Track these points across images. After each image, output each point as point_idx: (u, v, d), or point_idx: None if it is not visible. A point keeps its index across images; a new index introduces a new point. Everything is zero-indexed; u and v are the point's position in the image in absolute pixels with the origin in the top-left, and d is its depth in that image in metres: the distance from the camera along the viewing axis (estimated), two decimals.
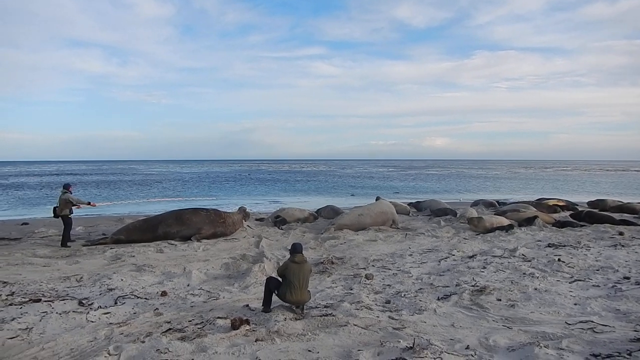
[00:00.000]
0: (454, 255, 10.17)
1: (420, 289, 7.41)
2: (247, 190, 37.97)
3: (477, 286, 7.37)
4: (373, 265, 9.15)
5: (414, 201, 22.03)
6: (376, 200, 16.87)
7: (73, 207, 11.63)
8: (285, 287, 5.95)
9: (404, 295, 6.96)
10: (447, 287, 7.51)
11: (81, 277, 7.90)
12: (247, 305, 6.32)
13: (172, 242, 11.55)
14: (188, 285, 7.64)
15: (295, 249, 6.11)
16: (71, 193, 11.67)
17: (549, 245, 11.11)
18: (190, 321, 5.71)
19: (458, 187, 41.80)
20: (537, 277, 8.00)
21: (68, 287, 7.35)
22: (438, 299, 6.80)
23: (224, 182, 49.25)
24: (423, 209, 19.55)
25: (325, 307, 6.30)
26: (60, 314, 5.96)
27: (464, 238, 12.58)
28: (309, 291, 6.12)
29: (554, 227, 14.28)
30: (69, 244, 11.35)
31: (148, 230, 11.84)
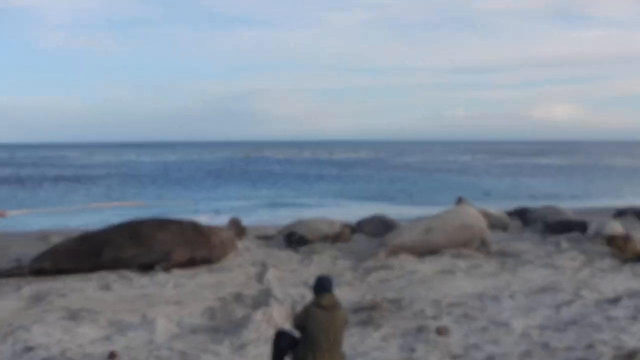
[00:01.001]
0: (583, 297, 10.08)
1: (528, 351, 7.37)
2: (243, 191, 38.23)
3: (624, 348, 7.29)
4: (449, 313, 9.14)
5: (516, 208, 21.76)
6: (456, 204, 16.68)
7: None
8: (306, 347, 5.96)
9: None
10: (573, 349, 7.46)
11: None
12: None
13: (126, 272, 11.73)
14: (151, 343, 7.72)
15: (322, 286, 6.11)
16: None
17: None
18: None
19: (590, 187, 41.00)
20: None
21: None
22: None
23: (206, 178, 49.71)
24: (532, 222, 19.29)
25: None
26: None
27: (601, 269, 12.45)
28: (343, 353, 6.13)
29: None
30: None
31: (87, 255, 12.02)
